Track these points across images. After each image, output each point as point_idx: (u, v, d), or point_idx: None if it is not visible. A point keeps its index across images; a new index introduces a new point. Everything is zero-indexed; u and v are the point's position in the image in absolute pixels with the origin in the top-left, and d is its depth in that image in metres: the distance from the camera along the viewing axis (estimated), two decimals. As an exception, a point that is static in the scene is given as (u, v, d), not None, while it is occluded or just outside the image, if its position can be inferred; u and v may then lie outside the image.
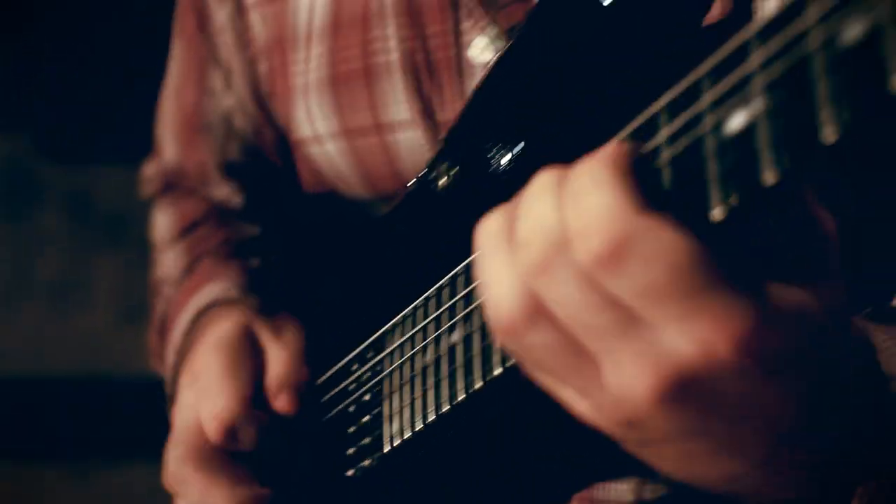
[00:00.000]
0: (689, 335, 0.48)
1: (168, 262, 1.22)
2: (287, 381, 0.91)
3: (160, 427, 1.00)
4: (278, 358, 0.93)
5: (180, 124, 1.23)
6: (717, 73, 0.47)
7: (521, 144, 0.71)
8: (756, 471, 0.55)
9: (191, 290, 1.11)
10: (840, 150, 0.43)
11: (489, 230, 0.56)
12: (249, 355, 0.93)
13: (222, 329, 0.96)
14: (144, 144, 1.35)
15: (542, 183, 0.52)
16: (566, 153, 0.55)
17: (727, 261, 0.48)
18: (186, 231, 1.22)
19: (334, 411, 0.90)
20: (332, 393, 0.91)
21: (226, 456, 0.90)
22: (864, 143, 0.43)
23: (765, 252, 0.51)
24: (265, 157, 1.18)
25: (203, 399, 0.90)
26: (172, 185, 1.29)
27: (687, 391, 0.50)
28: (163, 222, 1.27)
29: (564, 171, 0.52)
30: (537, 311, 0.52)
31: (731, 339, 0.48)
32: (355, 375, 0.86)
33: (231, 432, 0.88)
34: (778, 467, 0.56)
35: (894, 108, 0.40)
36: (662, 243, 0.47)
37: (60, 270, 3.18)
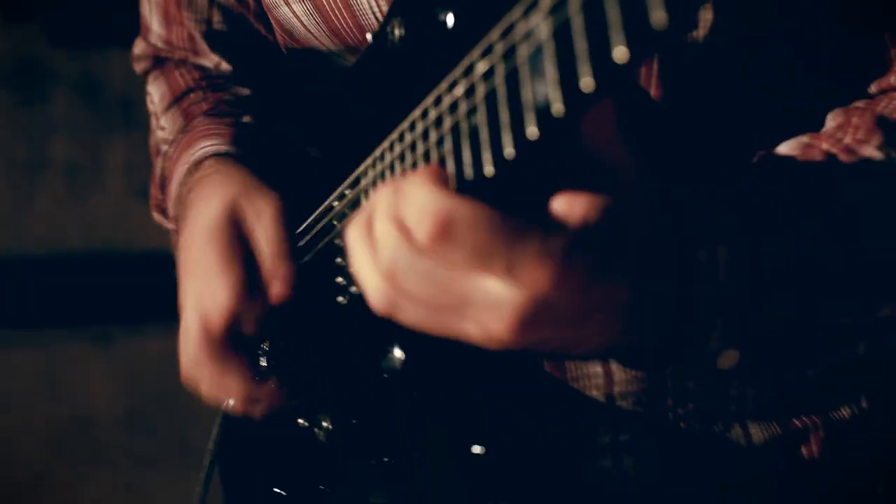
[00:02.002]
0: (518, 282, 0.60)
1: (165, 125, 1.28)
2: (278, 268, 0.98)
3: (171, 295, 1.09)
4: (267, 235, 0.99)
5: (165, 1, 1.29)
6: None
7: (452, 16, 0.78)
8: (611, 337, 0.71)
9: (186, 146, 1.17)
10: None
11: (350, 238, 0.69)
12: (238, 243, 0.99)
13: (210, 213, 1.01)
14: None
15: (381, 202, 0.66)
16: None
17: (526, 215, 0.60)
18: (180, 97, 1.28)
19: (320, 245, 0.98)
20: (315, 231, 1.00)
21: (234, 344, 0.98)
22: None
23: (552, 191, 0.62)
24: (249, 23, 1.25)
25: (203, 292, 0.97)
26: (162, 59, 1.35)
27: (532, 323, 0.62)
28: (156, 93, 1.32)
29: (396, 187, 0.65)
30: (400, 301, 0.66)
31: (549, 275, 0.59)
32: (336, 211, 0.94)
33: (233, 322, 0.96)
34: (628, 329, 0.70)
35: None
36: (476, 216, 0.60)
37: (73, 152, 3.25)
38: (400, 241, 0.63)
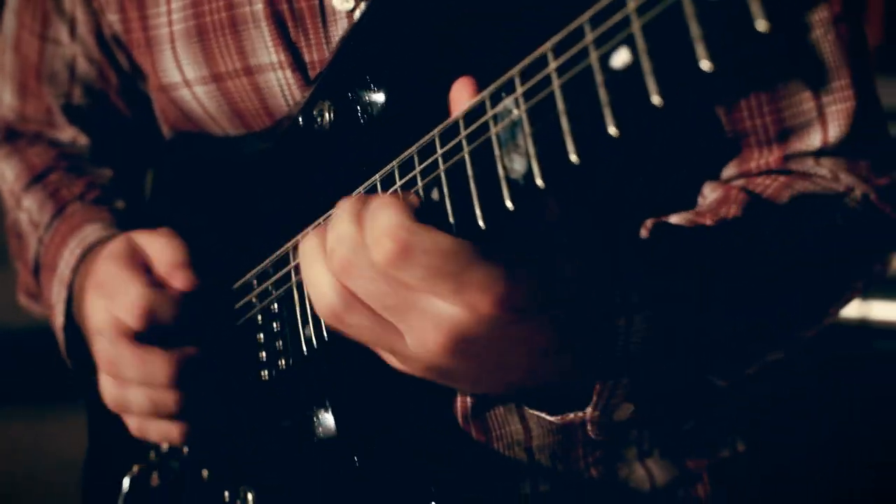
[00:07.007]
0: (462, 303, 0.68)
1: (28, 206, 1.24)
2: (175, 262, 0.98)
3: (28, 376, 1.06)
4: (160, 248, 0.99)
5: (22, 74, 1.27)
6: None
7: (383, 95, 0.84)
8: (526, 377, 0.79)
9: (69, 231, 1.15)
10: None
11: (306, 246, 0.77)
12: (142, 257, 0.99)
13: (111, 247, 1.01)
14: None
15: (345, 207, 0.73)
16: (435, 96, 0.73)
17: (481, 246, 0.68)
18: (39, 177, 1.25)
19: (241, 321, 0.99)
20: (239, 304, 1.01)
21: (151, 335, 0.97)
22: None
23: (516, 234, 0.71)
24: (110, 100, 1.25)
25: (114, 297, 0.97)
26: (14, 133, 1.32)
27: (465, 342, 0.71)
28: (10, 171, 1.29)
29: (362, 199, 0.73)
30: (349, 301, 0.73)
31: (491, 300, 0.68)
32: (258, 290, 0.96)
33: (150, 314, 0.95)
34: (541, 372, 0.79)
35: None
36: (432, 243, 0.67)
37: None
38: (359, 240, 0.70)
